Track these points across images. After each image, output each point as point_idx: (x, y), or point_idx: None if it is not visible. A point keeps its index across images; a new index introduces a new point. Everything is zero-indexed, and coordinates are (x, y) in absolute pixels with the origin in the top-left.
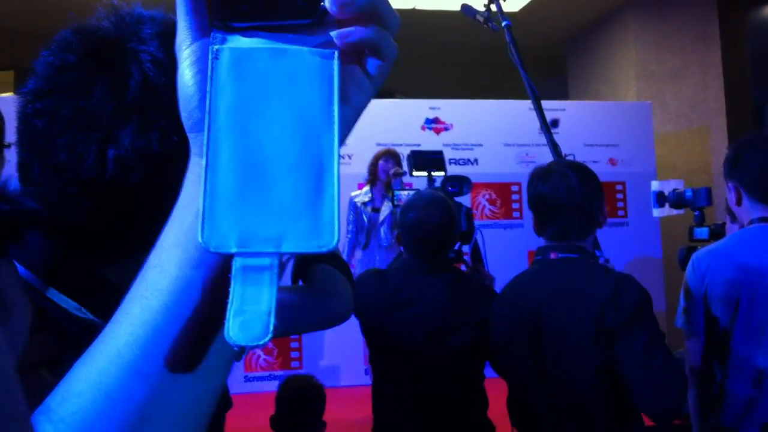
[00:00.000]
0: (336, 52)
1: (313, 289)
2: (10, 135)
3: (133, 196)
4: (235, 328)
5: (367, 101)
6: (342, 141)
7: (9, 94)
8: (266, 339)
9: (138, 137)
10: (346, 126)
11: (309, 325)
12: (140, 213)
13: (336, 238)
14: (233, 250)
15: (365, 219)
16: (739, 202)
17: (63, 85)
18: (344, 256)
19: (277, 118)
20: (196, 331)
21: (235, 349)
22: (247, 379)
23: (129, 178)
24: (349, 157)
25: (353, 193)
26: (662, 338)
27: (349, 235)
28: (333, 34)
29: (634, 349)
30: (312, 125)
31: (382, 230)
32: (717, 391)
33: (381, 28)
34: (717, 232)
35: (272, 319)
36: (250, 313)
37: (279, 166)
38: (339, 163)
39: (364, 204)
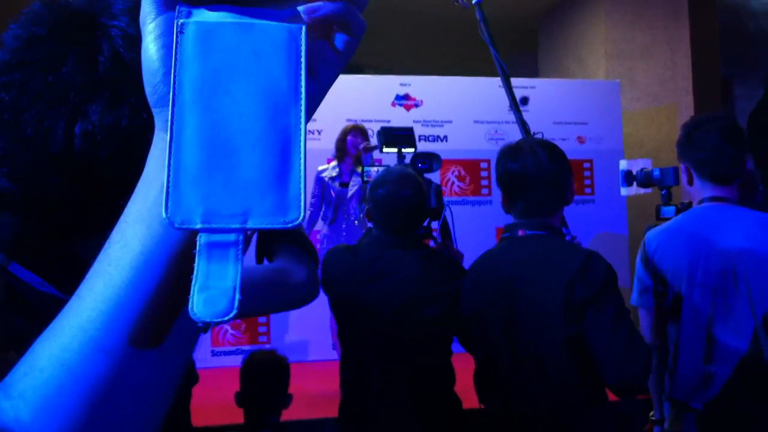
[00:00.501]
0: (303, 27)
1: (278, 269)
2: None
3: (102, 171)
4: (200, 304)
5: (335, 77)
6: (309, 116)
7: None
8: (231, 315)
9: (107, 113)
10: (313, 101)
11: (272, 306)
12: (108, 189)
13: (302, 214)
14: (198, 226)
15: (333, 194)
16: (690, 182)
17: (31, 58)
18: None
19: (243, 93)
20: (160, 307)
21: (200, 325)
22: (215, 354)
23: (97, 154)
24: (318, 132)
25: (320, 167)
26: (627, 313)
27: (311, 209)
28: (300, 8)
29: (602, 322)
30: (278, 100)
31: (350, 205)
32: (671, 365)
33: (349, 2)
34: (684, 211)
35: (237, 295)
36: (214, 289)
37: (245, 141)
38: (305, 139)
39: (332, 179)
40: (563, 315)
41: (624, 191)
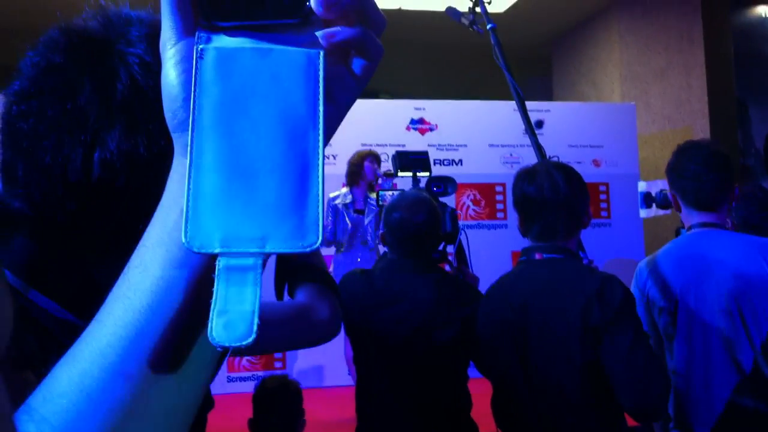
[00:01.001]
0: (321, 52)
1: (300, 306)
2: None
3: (119, 198)
4: (219, 328)
5: (353, 101)
6: (327, 141)
7: None
8: (250, 339)
9: (125, 140)
10: (331, 126)
11: (294, 344)
12: (126, 215)
13: (320, 238)
14: (217, 250)
15: (348, 221)
16: (678, 209)
17: (49, 85)
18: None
19: (262, 117)
20: (179, 332)
21: (219, 349)
22: (230, 380)
23: (115, 181)
24: (334, 157)
25: (332, 194)
26: (646, 338)
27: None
28: (318, 33)
29: (619, 347)
30: (297, 125)
31: (367, 232)
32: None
33: (367, 28)
34: None
35: (256, 319)
36: (233, 313)
37: (264, 165)
38: (324, 163)
39: (346, 206)
40: (580, 339)
41: (643, 213)
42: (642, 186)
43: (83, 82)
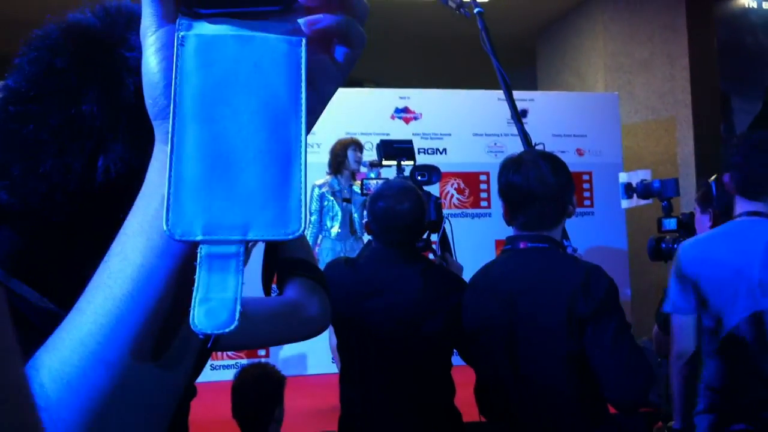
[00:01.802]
0: (303, 40)
1: (290, 302)
2: None
3: (118, 202)
4: (201, 316)
5: (335, 89)
6: (309, 128)
7: None
8: (232, 326)
9: (129, 148)
10: (314, 113)
11: (282, 339)
12: (124, 213)
13: (303, 226)
14: (199, 237)
15: (338, 208)
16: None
17: (51, 90)
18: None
19: (243, 105)
20: (161, 320)
21: (201, 336)
22: (213, 368)
23: (115, 187)
24: (318, 145)
25: (318, 182)
26: (628, 328)
27: (313, 227)
28: (301, 21)
29: (603, 338)
30: (279, 113)
31: (356, 219)
32: (707, 378)
33: (349, 15)
34: (685, 222)
35: (238, 306)
36: (215, 301)
37: (245, 153)
38: (306, 151)
39: (334, 194)
40: (564, 330)
41: (624, 203)
42: (623, 177)
43: (88, 89)
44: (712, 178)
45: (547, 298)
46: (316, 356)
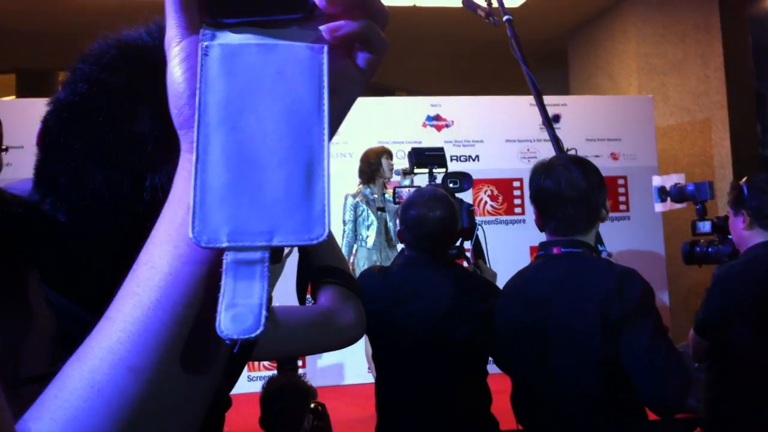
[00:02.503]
0: (325, 47)
1: (325, 311)
2: (9, 139)
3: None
4: (227, 321)
5: (358, 94)
6: (332, 134)
7: (11, 98)
8: (258, 331)
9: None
10: (337, 119)
11: (317, 348)
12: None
13: (326, 231)
14: (224, 244)
15: (374, 218)
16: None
17: (104, 107)
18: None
19: (267, 112)
20: (188, 326)
21: (227, 342)
22: (250, 379)
23: (161, 205)
24: (351, 155)
25: (351, 192)
26: (665, 332)
27: (347, 237)
28: (322, 28)
29: (638, 342)
30: (302, 119)
31: (391, 228)
32: None
33: (370, 21)
34: (719, 226)
35: (264, 312)
36: (241, 306)
37: (269, 160)
38: (329, 156)
39: (368, 203)
40: (599, 334)
41: (658, 207)
42: (656, 180)
43: (141, 108)
44: (743, 180)
45: (580, 303)
46: (352, 366)
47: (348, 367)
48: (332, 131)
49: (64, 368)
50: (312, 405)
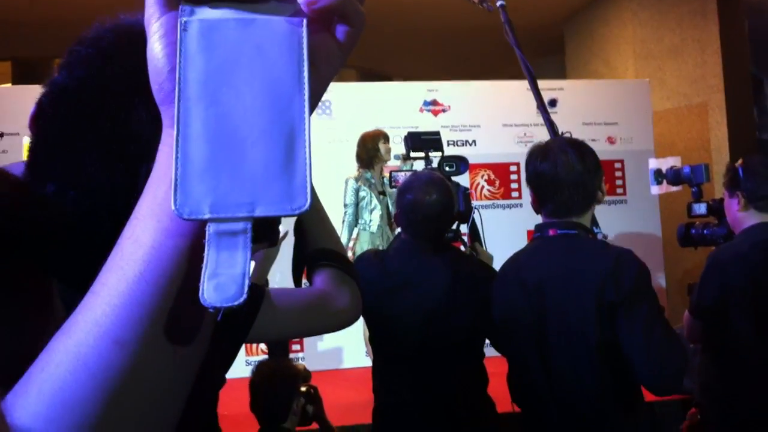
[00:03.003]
0: (304, 20)
1: (320, 293)
2: (5, 125)
3: None
4: (210, 291)
5: (338, 68)
6: (313, 107)
7: (6, 86)
8: (241, 299)
9: None
10: (317, 92)
11: (313, 331)
12: None
13: (309, 201)
14: (206, 216)
15: (377, 201)
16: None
17: (101, 93)
18: (343, 239)
19: (247, 86)
20: (173, 299)
21: (210, 310)
22: (248, 364)
23: None
24: (348, 140)
25: (352, 175)
26: (662, 312)
27: (349, 218)
28: (300, 1)
29: (635, 323)
30: (282, 92)
31: (392, 212)
32: None
33: None
34: (715, 208)
35: (246, 281)
36: (224, 276)
37: (250, 133)
38: (310, 129)
39: (370, 186)
40: (595, 316)
41: (654, 189)
42: (652, 163)
43: (139, 96)
44: (738, 162)
45: (576, 285)
46: (351, 350)
47: (346, 351)
48: (313, 105)
49: (51, 342)
50: (303, 388)
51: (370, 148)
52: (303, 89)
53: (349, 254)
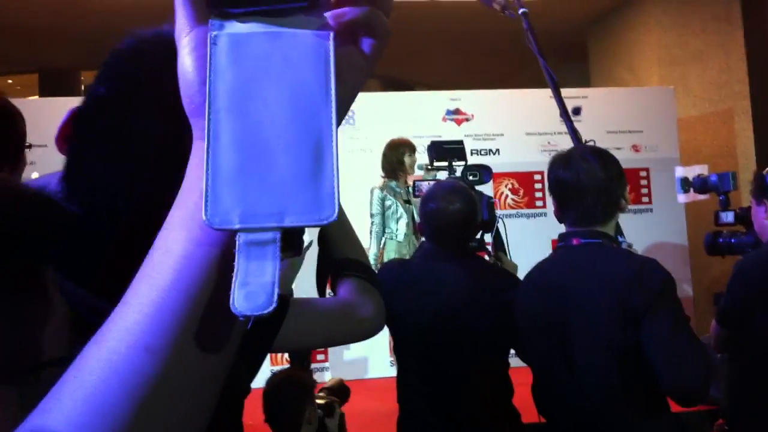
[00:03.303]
0: (331, 33)
1: (344, 303)
2: (32, 137)
3: None
4: (240, 299)
5: (363, 80)
6: (340, 119)
7: (34, 98)
8: (270, 308)
9: None
10: (343, 105)
11: (336, 340)
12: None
13: (336, 211)
14: (236, 226)
15: (403, 210)
16: None
17: (138, 123)
18: (372, 249)
19: (275, 98)
20: (203, 307)
21: (241, 318)
22: (273, 373)
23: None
24: (371, 150)
25: (378, 185)
26: (687, 321)
27: (376, 228)
28: (327, 14)
29: (659, 330)
30: (309, 104)
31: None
32: None
33: (374, 7)
34: (742, 216)
35: (276, 290)
36: (254, 285)
37: (278, 143)
38: (337, 140)
39: (395, 196)
40: (619, 324)
41: (681, 198)
42: (679, 171)
43: (160, 102)
44: (766, 170)
45: (600, 293)
46: (376, 359)
47: (372, 361)
48: (340, 117)
49: (84, 350)
50: (323, 401)
51: (393, 160)
52: (330, 101)
53: (379, 265)
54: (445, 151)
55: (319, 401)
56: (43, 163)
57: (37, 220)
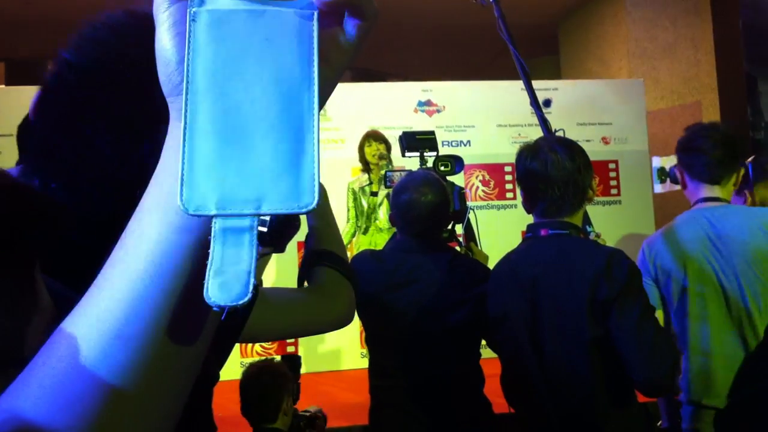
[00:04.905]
0: (315, 12)
1: (316, 293)
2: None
3: None
4: (215, 289)
5: (348, 62)
6: (323, 102)
7: (0, 87)
8: (246, 299)
9: None
10: (327, 87)
11: (307, 330)
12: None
13: (316, 199)
14: (213, 212)
15: (365, 203)
16: (684, 186)
17: (122, 81)
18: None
19: (256, 79)
20: (177, 295)
21: (215, 309)
22: (243, 366)
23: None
24: (342, 141)
25: (351, 180)
26: (653, 311)
27: (348, 221)
28: None
29: (626, 321)
30: (291, 86)
31: (380, 214)
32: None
33: None
34: None
35: (252, 279)
36: (229, 274)
37: (258, 127)
38: (319, 124)
39: (362, 189)
40: (588, 314)
41: (658, 188)
42: (656, 162)
43: (152, 84)
44: (749, 159)
45: (568, 284)
46: (348, 351)
47: (345, 353)
48: (322, 100)
49: (53, 336)
50: (307, 412)
51: (359, 152)
52: (312, 84)
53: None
54: (417, 141)
55: (303, 413)
56: (10, 152)
57: (26, 210)
